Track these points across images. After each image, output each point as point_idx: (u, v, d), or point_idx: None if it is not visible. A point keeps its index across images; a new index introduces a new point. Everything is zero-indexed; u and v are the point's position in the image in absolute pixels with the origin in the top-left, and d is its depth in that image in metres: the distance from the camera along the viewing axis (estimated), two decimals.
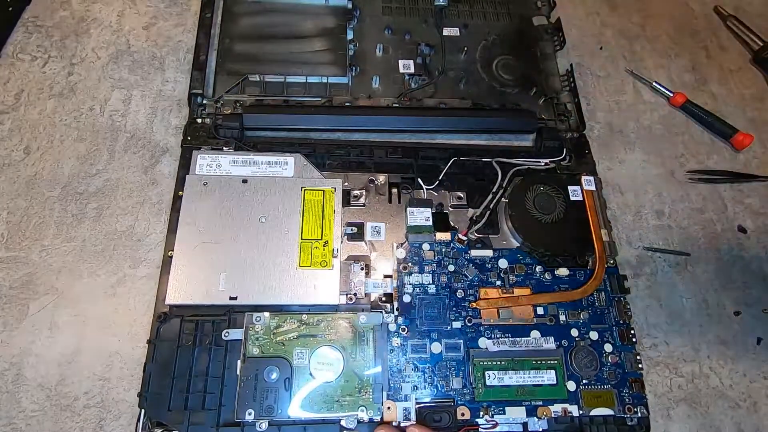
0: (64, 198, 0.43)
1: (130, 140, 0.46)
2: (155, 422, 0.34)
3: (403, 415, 0.36)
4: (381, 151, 0.45)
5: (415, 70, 0.50)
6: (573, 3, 0.59)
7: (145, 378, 0.35)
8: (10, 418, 0.36)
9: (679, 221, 0.48)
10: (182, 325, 0.37)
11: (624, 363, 0.39)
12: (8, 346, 0.38)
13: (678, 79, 0.56)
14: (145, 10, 0.53)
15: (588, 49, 0.56)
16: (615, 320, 0.40)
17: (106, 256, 0.41)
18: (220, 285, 0.37)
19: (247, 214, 0.39)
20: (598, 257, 0.41)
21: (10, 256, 0.40)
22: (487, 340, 0.38)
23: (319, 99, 0.47)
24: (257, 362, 0.35)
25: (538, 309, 0.40)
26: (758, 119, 0.54)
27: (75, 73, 0.48)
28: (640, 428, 0.37)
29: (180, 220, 0.39)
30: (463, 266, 0.41)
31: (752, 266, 0.46)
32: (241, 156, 0.42)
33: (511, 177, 0.45)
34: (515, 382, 0.37)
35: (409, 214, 0.42)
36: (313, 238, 0.39)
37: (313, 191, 0.41)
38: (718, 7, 0.61)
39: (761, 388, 0.42)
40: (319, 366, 0.35)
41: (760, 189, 0.50)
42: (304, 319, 0.37)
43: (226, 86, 0.47)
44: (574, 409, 0.37)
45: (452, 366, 0.38)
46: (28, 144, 0.45)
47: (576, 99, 0.50)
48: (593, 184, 0.45)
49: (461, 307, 0.39)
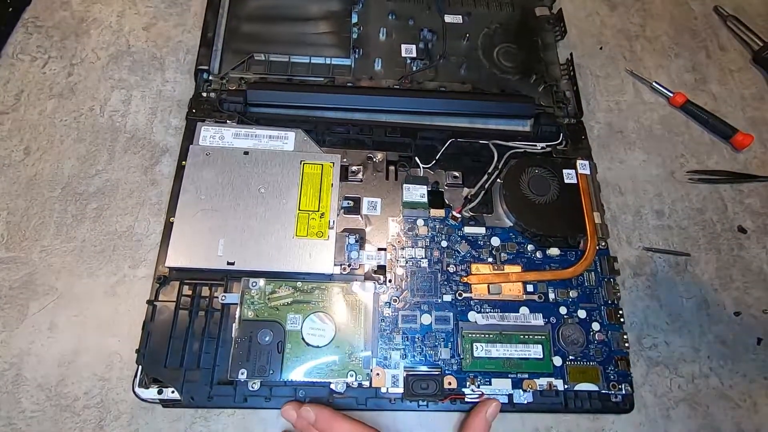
0: (64, 198, 0.43)
1: (130, 141, 0.46)
2: (152, 378, 0.36)
3: (391, 381, 0.37)
4: (380, 131, 0.46)
5: (417, 55, 0.51)
6: (573, 3, 0.59)
7: (143, 336, 0.36)
8: (9, 419, 0.36)
9: (679, 221, 0.48)
10: (181, 288, 0.38)
11: (611, 341, 0.40)
12: (8, 346, 0.38)
13: (678, 79, 0.56)
14: (145, 11, 0.53)
15: (588, 49, 0.56)
16: (604, 300, 0.41)
17: (105, 257, 0.41)
18: (219, 250, 0.38)
19: (247, 185, 0.40)
20: (590, 238, 0.42)
21: (10, 256, 0.40)
22: (477, 314, 0.39)
23: (322, 79, 0.48)
24: (252, 325, 0.36)
25: (528, 286, 0.41)
26: (758, 119, 0.54)
27: (75, 73, 0.48)
28: (624, 405, 0.38)
29: (182, 187, 0.40)
30: (456, 242, 0.42)
31: (752, 266, 0.46)
32: (244, 129, 0.43)
33: (507, 159, 0.45)
34: (502, 354, 0.38)
35: (405, 190, 0.43)
36: (311, 210, 0.40)
37: (312, 165, 0.42)
38: (718, 7, 0.61)
39: (761, 388, 0.41)
40: (311, 331, 0.36)
41: (760, 189, 0.50)
42: (299, 286, 0.38)
43: (231, 64, 0.48)
44: (560, 383, 0.38)
45: (441, 337, 0.39)
46: (28, 144, 0.45)
47: (575, 87, 0.50)
48: (588, 169, 0.45)
49: (452, 282, 0.40)
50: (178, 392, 0.35)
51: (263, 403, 0.36)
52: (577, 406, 0.38)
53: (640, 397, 0.40)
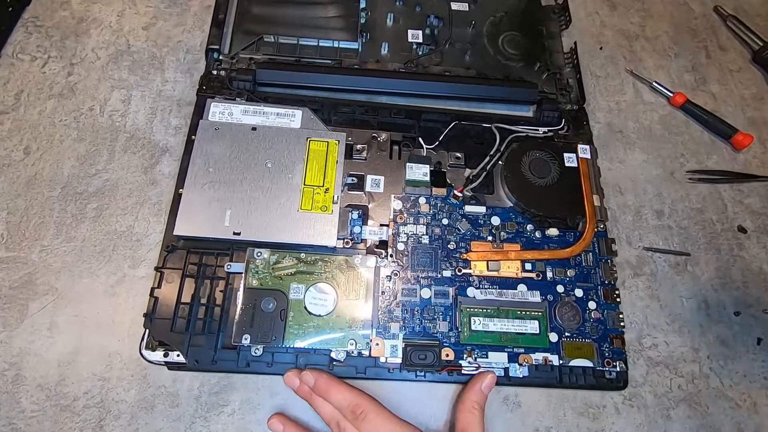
0: (64, 198, 0.43)
1: (129, 140, 0.46)
2: (158, 342, 0.37)
3: (390, 351, 0.38)
4: (385, 112, 0.47)
5: (423, 40, 0.52)
6: (573, 3, 0.59)
7: (150, 302, 0.37)
8: (9, 419, 0.36)
9: (679, 221, 0.48)
10: (188, 256, 0.39)
11: (606, 320, 0.40)
12: (8, 346, 0.38)
13: (678, 79, 0.56)
14: (145, 11, 0.53)
15: (588, 49, 0.56)
16: (601, 280, 0.42)
17: (105, 256, 0.41)
18: (226, 221, 0.39)
19: (255, 159, 0.42)
20: (589, 220, 0.42)
21: (10, 256, 0.40)
22: (475, 290, 0.40)
23: (330, 61, 0.49)
24: (256, 293, 0.37)
25: (526, 265, 0.41)
26: (758, 119, 0.54)
27: (75, 73, 0.48)
28: (618, 382, 0.39)
29: (191, 160, 0.41)
30: (456, 220, 0.43)
31: (752, 266, 0.46)
32: (252, 107, 0.44)
33: (509, 143, 0.46)
34: (499, 328, 0.39)
35: (408, 169, 0.44)
36: (315, 185, 0.41)
37: (318, 142, 0.43)
38: (718, 7, 0.61)
39: (761, 388, 0.42)
40: (313, 300, 0.37)
41: (760, 189, 0.50)
42: (302, 257, 0.39)
43: (241, 45, 0.49)
44: (555, 358, 0.39)
45: (440, 311, 0.39)
46: (27, 144, 0.45)
47: (578, 75, 0.51)
48: (589, 153, 0.46)
49: (452, 258, 0.41)
50: (183, 356, 0.36)
51: (265, 369, 0.37)
52: (571, 381, 0.38)
53: (640, 396, 0.40)
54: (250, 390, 0.38)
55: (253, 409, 0.37)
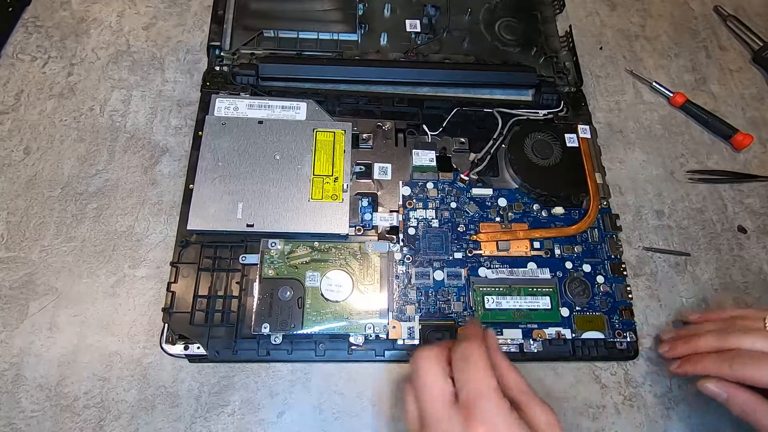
0: (64, 198, 0.43)
1: (130, 140, 0.46)
2: (177, 335, 0.37)
3: (407, 333, 0.39)
4: (388, 101, 0.48)
5: (421, 30, 0.52)
6: (573, 3, 0.59)
7: (168, 296, 0.38)
8: (9, 419, 0.36)
9: (679, 221, 0.48)
10: (202, 250, 0.40)
11: (615, 293, 0.42)
12: (8, 346, 0.38)
13: (678, 79, 0.56)
14: (145, 11, 0.53)
15: (588, 49, 0.56)
16: (607, 255, 0.43)
17: (105, 256, 0.41)
18: (238, 213, 0.40)
19: (263, 152, 0.42)
20: (592, 197, 0.44)
21: (10, 256, 0.40)
22: (487, 270, 0.41)
23: (331, 54, 0.50)
24: (272, 282, 0.38)
25: (534, 243, 0.43)
26: (758, 119, 0.54)
27: (75, 73, 0.48)
28: (629, 352, 0.41)
29: (200, 155, 0.41)
30: (464, 203, 0.44)
31: (752, 266, 0.46)
32: (257, 100, 0.45)
33: (511, 126, 0.47)
34: (512, 306, 0.40)
35: (414, 155, 0.45)
36: (324, 174, 0.42)
37: (324, 132, 0.44)
38: (718, 7, 0.61)
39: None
40: (329, 287, 0.38)
41: (760, 189, 0.50)
42: (316, 245, 0.40)
43: (242, 40, 0.49)
44: (567, 332, 0.40)
45: (453, 292, 0.41)
46: (28, 144, 0.45)
47: (574, 57, 0.52)
48: (589, 133, 0.48)
49: (462, 240, 0.42)
50: (204, 348, 0.37)
51: (286, 356, 0.37)
52: (584, 353, 0.40)
53: (640, 396, 0.40)
54: (250, 390, 0.38)
55: (253, 409, 0.37)
